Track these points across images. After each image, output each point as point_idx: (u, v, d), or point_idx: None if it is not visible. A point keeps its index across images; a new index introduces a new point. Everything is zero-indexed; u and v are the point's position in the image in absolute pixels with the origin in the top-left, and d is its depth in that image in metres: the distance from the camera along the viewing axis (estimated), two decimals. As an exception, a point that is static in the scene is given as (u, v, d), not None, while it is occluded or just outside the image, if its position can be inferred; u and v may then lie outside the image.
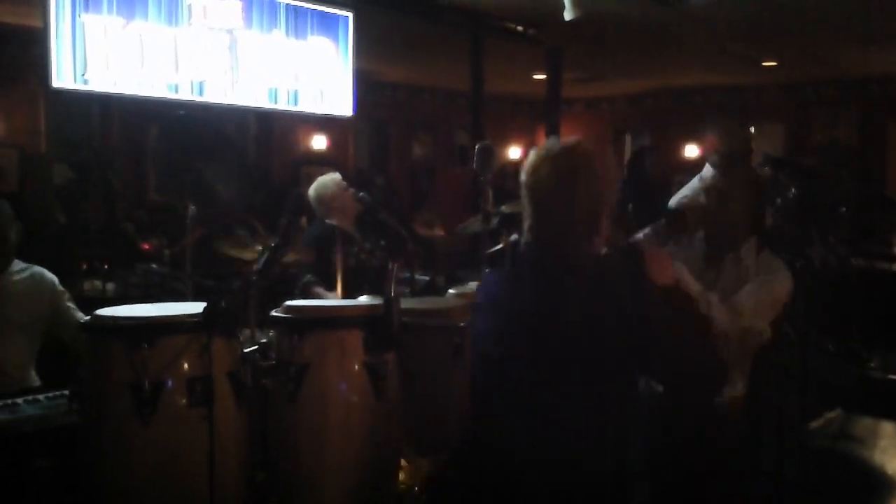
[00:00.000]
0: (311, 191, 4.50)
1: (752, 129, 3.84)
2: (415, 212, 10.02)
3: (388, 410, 2.20)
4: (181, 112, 4.68)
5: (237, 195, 6.32)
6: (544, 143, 2.02)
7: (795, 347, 5.09)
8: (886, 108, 10.27)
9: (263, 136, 9.76)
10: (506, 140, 12.98)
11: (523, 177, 1.98)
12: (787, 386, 5.15)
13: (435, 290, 4.64)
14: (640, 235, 2.79)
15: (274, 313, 2.23)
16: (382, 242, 2.30)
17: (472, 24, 6.90)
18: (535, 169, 1.95)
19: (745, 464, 3.30)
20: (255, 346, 2.18)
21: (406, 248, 2.88)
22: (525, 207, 1.98)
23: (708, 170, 3.68)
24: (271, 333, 2.23)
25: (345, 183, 4.49)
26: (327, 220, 4.52)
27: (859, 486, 4.51)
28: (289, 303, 2.30)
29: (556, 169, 1.92)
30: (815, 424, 5.49)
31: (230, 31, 5.24)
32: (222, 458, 2.02)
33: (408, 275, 4.56)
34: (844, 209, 8.88)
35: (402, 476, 2.81)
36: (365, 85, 9.98)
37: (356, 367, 2.15)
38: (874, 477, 4.61)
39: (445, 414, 2.43)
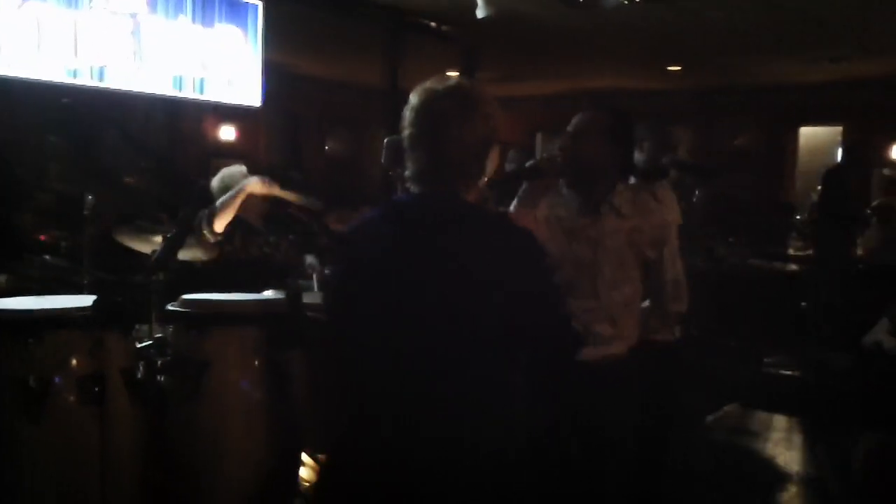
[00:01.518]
0: (215, 182, 4.38)
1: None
2: (330, 206, 9.91)
3: (292, 408, 2.15)
4: (64, 100, 4.47)
5: (141, 185, 6.12)
6: (430, 81, 1.87)
7: (696, 345, 5.25)
8: (785, 115, 10.66)
9: (171, 127, 9.47)
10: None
11: (412, 114, 1.84)
12: (688, 382, 5.33)
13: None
14: (511, 208, 2.63)
15: (171, 307, 2.15)
16: (290, 237, 2.23)
17: (388, 19, 6.84)
18: (429, 103, 1.82)
19: (644, 455, 3.37)
20: (151, 342, 2.10)
21: (315, 243, 2.82)
22: (413, 149, 1.84)
23: None
24: (169, 329, 2.15)
25: (249, 174, 4.39)
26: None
27: (754, 477, 4.63)
28: (186, 296, 2.22)
29: (456, 103, 1.82)
30: (712, 418, 5.66)
31: (133, 16, 5.07)
32: (116, 458, 1.95)
33: (319, 270, 4.50)
34: (746, 212, 9.21)
35: (308, 474, 2.77)
36: (278, 77, 9.80)
37: (258, 364, 2.09)
38: (767, 468, 4.75)
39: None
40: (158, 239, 3.60)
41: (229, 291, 2.73)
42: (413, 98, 1.86)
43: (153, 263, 2.14)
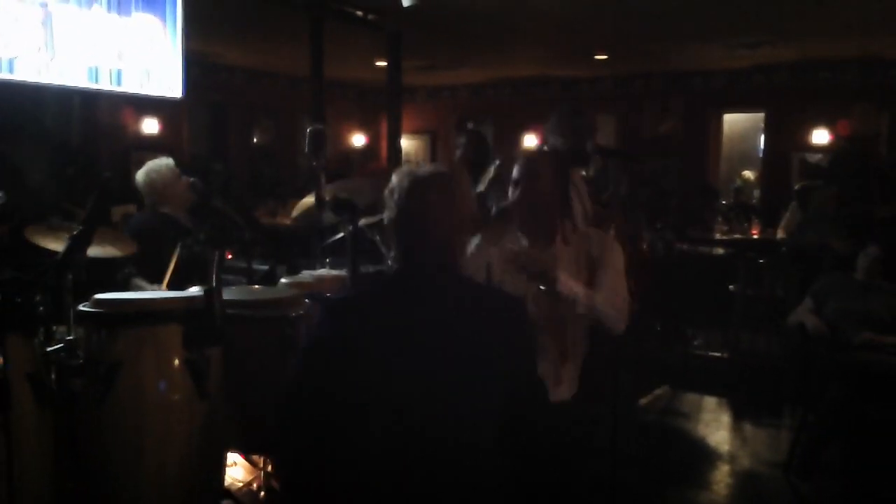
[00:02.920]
0: (141, 176, 4.23)
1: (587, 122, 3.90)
2: (258, 198, 9.73)
3: (213, 408, 2.07)
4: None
5: (52, 180, 5.87)
6: (406, 167, 2.03)
7: (627, 329, 5.30)
8: (708, 101, 10.87)
9: (88, 119, 9.15)
10: (350, 127, 12.83)
11: (395, 201, 1.98)
12: (620, 365, 5.38)
13: (275, 279, 4.49)
14: (471, 247, 2.74)
15: (82, 308, 2.04)
16: (211, 230, 2.15)
17: (311, 6, 6.72)
18: (412, 191, 1.96)
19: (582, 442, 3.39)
20: (61, 345, 1.99)
21: (234, 237, 2.72)
22: (396, 233, 1.98)
23: None
24: (79, 330, 2.04)
25: (178, 170, 4.26)
26: (160, 209, 4.27)
27: (685, 457, 4.71)
28: (98, 296, 2.11)
29: (437, 190, 1.97)
30: (644, 401, 5.74)
31: (44, 5, 4.84)
32: (23, 467, 1.84)
33: (245, 265, 4.38)
34: (670, 197, 9.35)
35: (239, 475, 2.69)
36: (200, 67, 9.58)
37: (175, 363, 2.01)
38: (698, 448, 4.83)
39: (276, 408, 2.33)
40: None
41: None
42: (395, 181, 1.99)
43: (59, 262, 2.02)
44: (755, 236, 8.56)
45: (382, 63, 8.14)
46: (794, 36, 8.20)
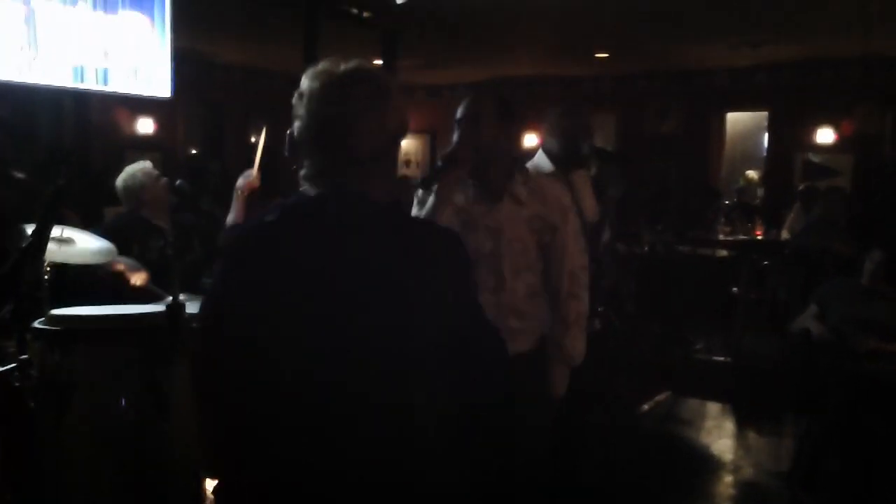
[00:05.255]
0: (119, 181, 4.18)
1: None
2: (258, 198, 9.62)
3: (176, 429, 1.95)
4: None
5: (40, 182, 5.75)
6: (322, 63, 1.61)
7: (622, 334, 5.19)
8: (710, 100, 10.75)
9: (80, 118, 9.05)
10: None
11: (308, 103, 1.58)
12: (617, 371, 5.27)
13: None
14: (429, 205, 2.48)
15: (37, 324, 1.91)
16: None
17: (307, 4, 6.63)
18: (329, 93, 1.57)
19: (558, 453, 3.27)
20: (14, 364, 1.87)
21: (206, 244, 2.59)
22: (311, 144, 1.58)
23: (541, 157, 3.60)
24: (34, 348, 1.92)
25: (156, 172, 4.18)
26: (137, 212, 4.21)
27: (685, 467, 4.60)
28: (54, 311, 1.99)
29: (363, 91, 1.57)
30: (644, 407, 5.63)
31: (27, 3, 4.74)
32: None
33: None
34: (671, 198, 9.26)
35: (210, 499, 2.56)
36: (197, 65, 9.48)
37: (135, 383, 1.88)
38: (700, 458, 4.72)
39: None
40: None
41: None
42: (307, 83, 1.59)
43: (4, 275, 1.89)
44: (759, 237, 8.46)
45: (379, 62, 8.04)
46: (797, 34, 8.12)
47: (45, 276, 2.21)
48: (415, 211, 2.56)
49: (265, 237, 1.54)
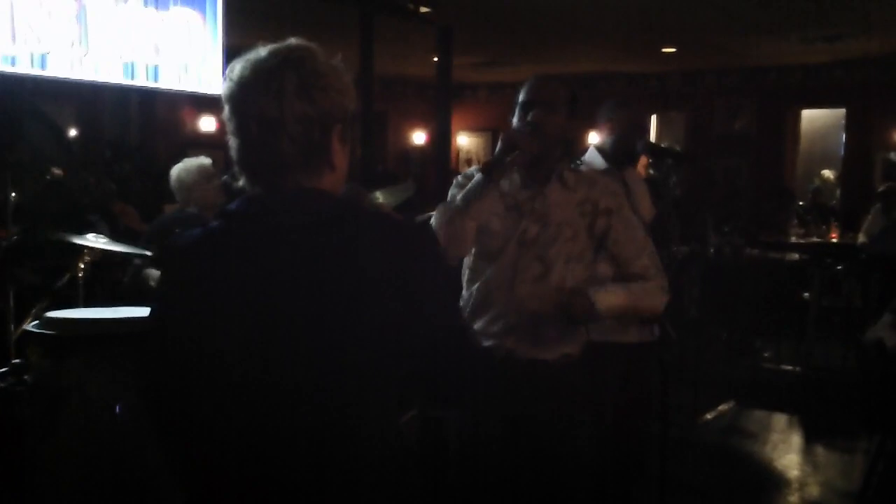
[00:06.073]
0: (174, 171, 4.24)
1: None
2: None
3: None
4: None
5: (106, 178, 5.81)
6: (251, 52, 1.44)
7: (677, 345, 4.99)
8: (783, 97, 10.46)
9: (146, 117, 9.22)
10: (411, 125, 12.69)
11: (230, 89, 1.43)
12: (677, 381, 5.08)
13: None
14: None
15: (29, 328, 1.83)
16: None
17: (361, 0, 6.58)
18: (253, 75, 1.41)
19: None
20: (7, 368, 1.79)
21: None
22: (239, 136, 1.42)
23: (593, 154, 3.42)
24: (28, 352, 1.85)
25: (213, 170, 4.20)
26: (187, 209, 4.27)
27: (747, 483, 4.45)
28: (49, 315, 1.91)
29: (292, 77, 1.41)
30: (707, 417, 5.47)
31: (79, -1, 4.77)
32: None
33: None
34: (742, 198, 9.00)
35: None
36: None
37: (130, 387, 1.79)
38: (763, 473, 4.57)
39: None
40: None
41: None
42: (232, 68, 1.44)
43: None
44: (833, 241, 8.16)
45: (435, 59, 7.99)
46: (876, 27, 7.80)
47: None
48: (452, 194, 2.42)
49: (210, 246, 1.46)
